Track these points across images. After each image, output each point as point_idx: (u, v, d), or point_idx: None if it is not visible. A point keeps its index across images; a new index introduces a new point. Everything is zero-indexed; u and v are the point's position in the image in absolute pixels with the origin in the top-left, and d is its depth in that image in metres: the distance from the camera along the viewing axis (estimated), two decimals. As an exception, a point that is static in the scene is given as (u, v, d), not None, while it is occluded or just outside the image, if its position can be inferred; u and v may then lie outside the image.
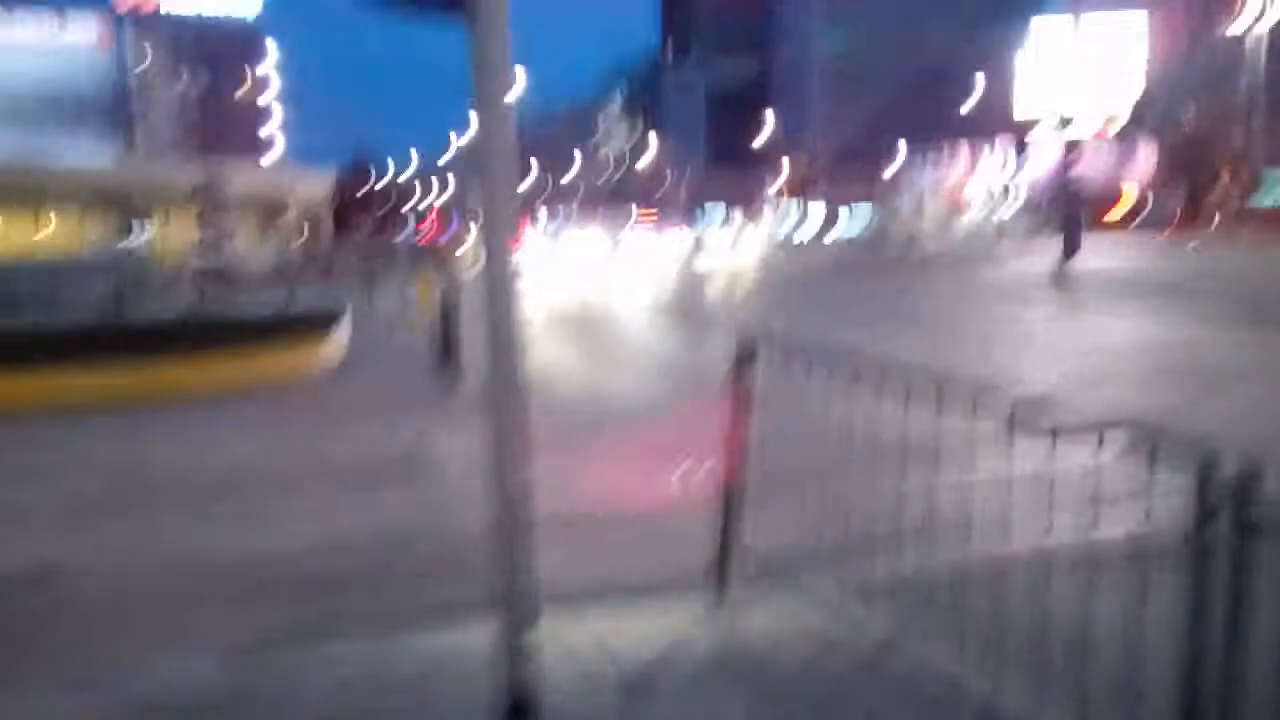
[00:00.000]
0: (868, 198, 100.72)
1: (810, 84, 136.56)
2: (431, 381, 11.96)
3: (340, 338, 14.27)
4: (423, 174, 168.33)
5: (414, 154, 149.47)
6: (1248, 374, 10.61)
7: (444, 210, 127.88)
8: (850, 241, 54.70)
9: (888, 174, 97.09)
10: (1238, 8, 74.88)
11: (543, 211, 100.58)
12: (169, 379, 11.38)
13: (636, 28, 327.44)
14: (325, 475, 7.70)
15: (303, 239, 55.10)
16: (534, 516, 3.07)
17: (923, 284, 25.90)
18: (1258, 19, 58.49)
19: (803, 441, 4.06)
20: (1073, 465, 2.89)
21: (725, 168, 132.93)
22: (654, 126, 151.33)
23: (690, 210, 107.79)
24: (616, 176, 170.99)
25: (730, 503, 4.31)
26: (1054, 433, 2.92)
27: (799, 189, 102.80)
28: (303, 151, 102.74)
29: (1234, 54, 77.33)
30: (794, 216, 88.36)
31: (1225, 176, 67.41)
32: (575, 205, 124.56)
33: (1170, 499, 2.56)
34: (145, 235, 46.51)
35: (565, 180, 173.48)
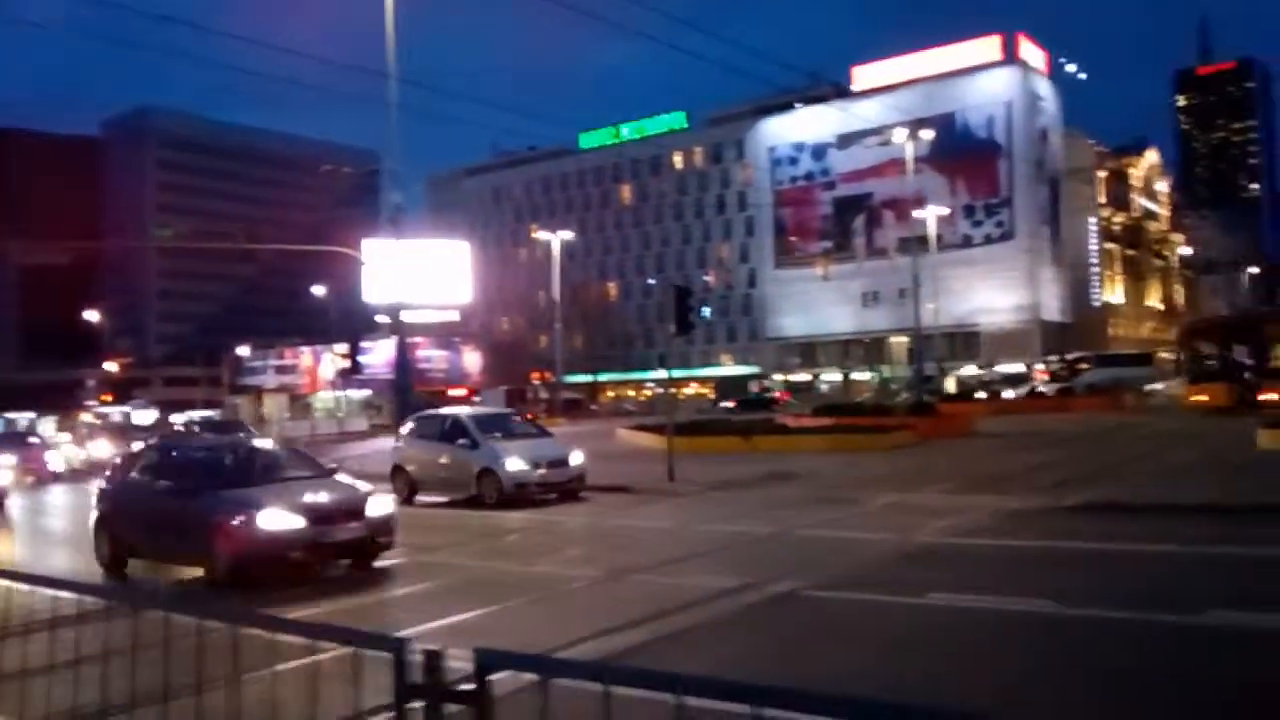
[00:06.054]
0: (206, 398, 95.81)
1: (145, 278, 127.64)
2: None
3: None
4: None
5: None
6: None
7: None
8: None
9: (228, 372, 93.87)
10: (531, 237, 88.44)
11: None
12: None
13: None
14: None
15: None
16: None
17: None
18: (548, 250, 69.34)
19: None
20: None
21: (40, 365, 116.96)
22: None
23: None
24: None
25: None
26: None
27: (125, 389, 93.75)
28: None
29: (536, 277, 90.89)
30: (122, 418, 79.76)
31: (536, 377, 77.72)
32: None
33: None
34: None
35: None
